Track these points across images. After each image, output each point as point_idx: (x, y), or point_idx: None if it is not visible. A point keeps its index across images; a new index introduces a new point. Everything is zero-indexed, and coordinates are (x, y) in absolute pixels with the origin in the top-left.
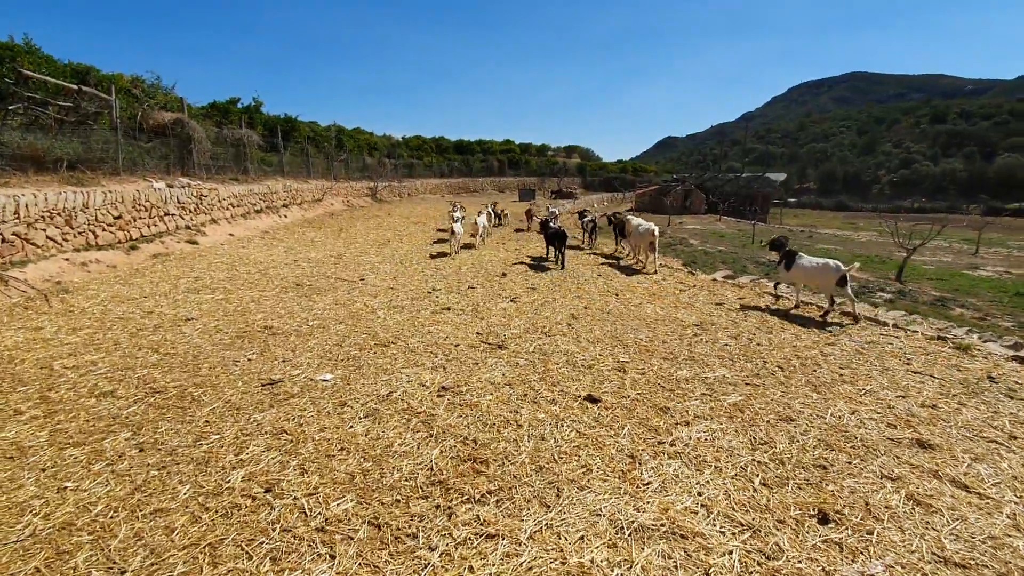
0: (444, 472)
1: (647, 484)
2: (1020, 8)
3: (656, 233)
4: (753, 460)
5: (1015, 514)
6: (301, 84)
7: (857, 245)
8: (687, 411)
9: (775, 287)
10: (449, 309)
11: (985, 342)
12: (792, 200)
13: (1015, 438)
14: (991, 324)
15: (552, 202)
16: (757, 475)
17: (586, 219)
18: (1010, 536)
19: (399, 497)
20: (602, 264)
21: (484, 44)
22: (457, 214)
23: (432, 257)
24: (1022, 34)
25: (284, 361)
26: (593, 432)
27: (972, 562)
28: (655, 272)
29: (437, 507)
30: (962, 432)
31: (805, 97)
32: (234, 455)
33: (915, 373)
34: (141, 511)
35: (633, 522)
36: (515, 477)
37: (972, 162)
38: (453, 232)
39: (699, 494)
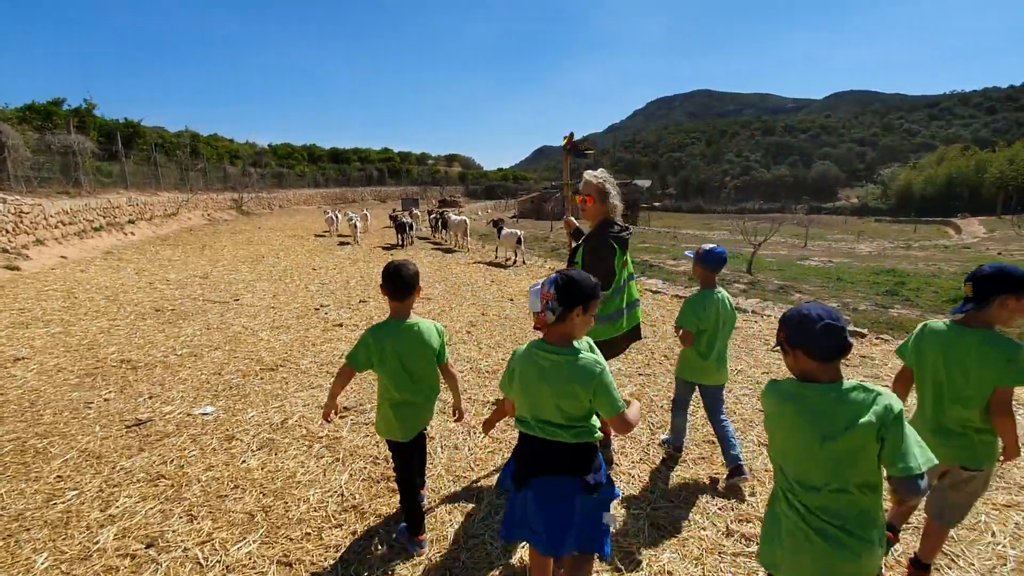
0: (357, 496)
1: None
2: (827, 35)
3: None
4: (652, 443)
5: None
6: (143, 86)
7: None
8: None
9: (496, 250)
10: (341, 325)
11: None
12: (657, 204)
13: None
14: None
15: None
16: (659, 455)
17: (456, 220)
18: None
19: (310, 530)
20: (491, 269)
21: (351, 51)
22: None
23: (315, 270)
24: (827, 59)
25: (151, 397)
26: (505, 436)
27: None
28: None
29: (354, 533)
30: None
31: (662, 111)
32: (100, 511)
33: (774, 351)
34: None
35: None
36: (433, 491)
37: (796, 169)
38: (356, 225)
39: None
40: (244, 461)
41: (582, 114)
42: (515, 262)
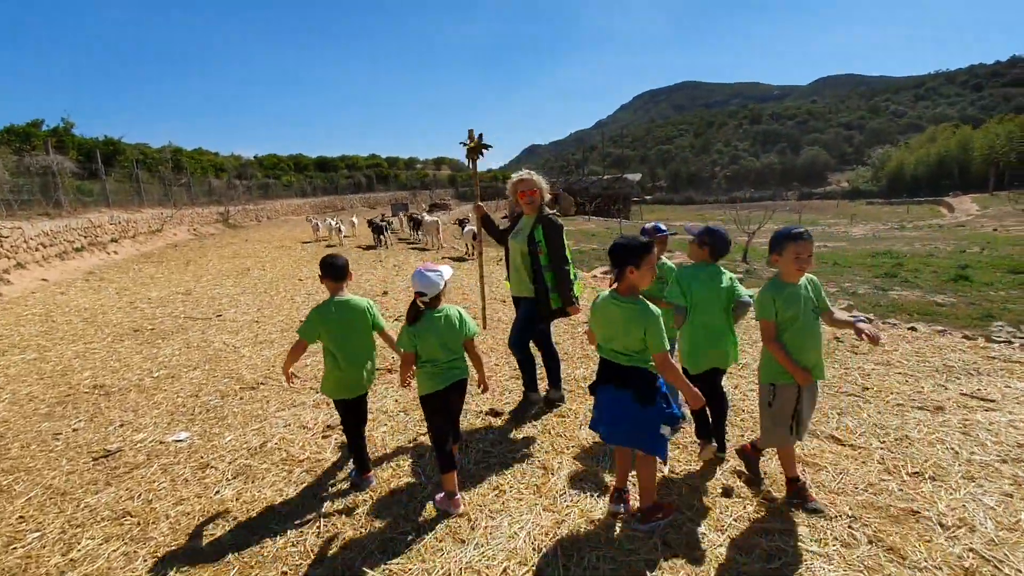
0: (339, 525)
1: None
2: (809, 19)
3: (475, 231)
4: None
5: (883, 459)
6: (122, 103)
7: None
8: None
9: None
10: None
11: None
12: (648, 198)
13: (867, 389)
14: (825, 291)
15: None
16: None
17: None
18: (884, 480)
19: (287, 568)
20: (451, 264)
21: (337, 56)
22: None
23: (301, 280)
24: (811, 44)
25: (122, 425)
26: (496, 449)
27: (858, 511)
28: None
29: (333, 572)
30: (826, 390)
31: (648, 105)
32: (61, 555)
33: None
34: None
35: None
36: (421, 512)
37: (784, 156)
38: (340, 230)
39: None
40: (218, 492)
41: (570, 111)
42: (472, 255)
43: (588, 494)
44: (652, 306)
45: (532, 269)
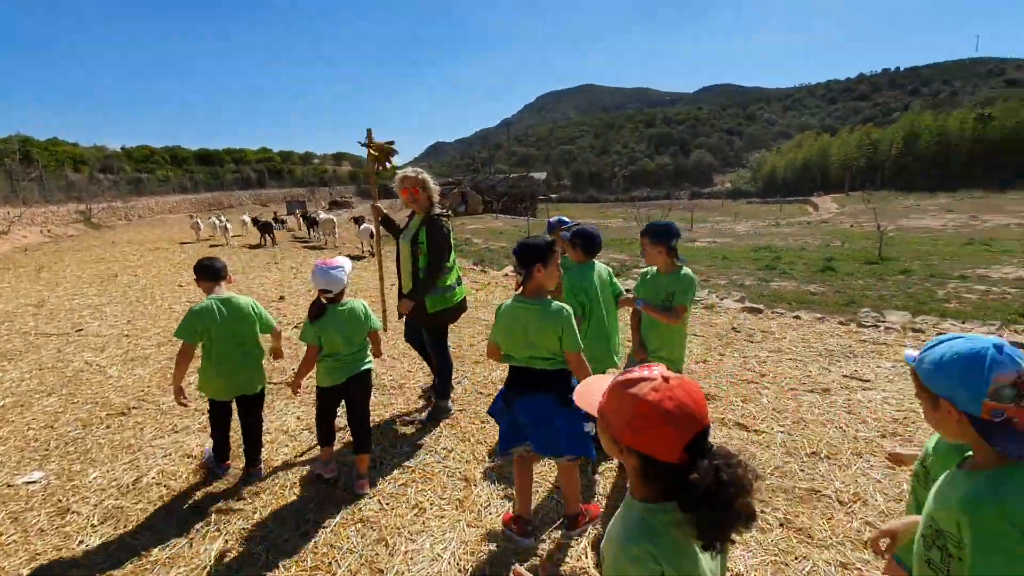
0: (237, 567)
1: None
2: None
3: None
4: None
5: (784, 442)
6: None
7: (612, 231)
8: None
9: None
10: None
11: (722, 299)
12: (554, 196)
13: (764, 375)
14: (714, 284)
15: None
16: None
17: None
18: (787, 462)
19: None
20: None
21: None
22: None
23: (181, 286)
24: (697, 54)
25: None
26: (414, 463)
27: (768, 495)
28: None
29: None
30: (728, 379)
31: (551, 105)
32: None
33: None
34: None
35: None
36: (332, 547)
37: (676, 158)
38: (226, 229)
39: None
40: (82, 542)
41: (475, 109)
42: (371, 252)
43: (513, 502)
44: (564, 305)
45: (412, 270)
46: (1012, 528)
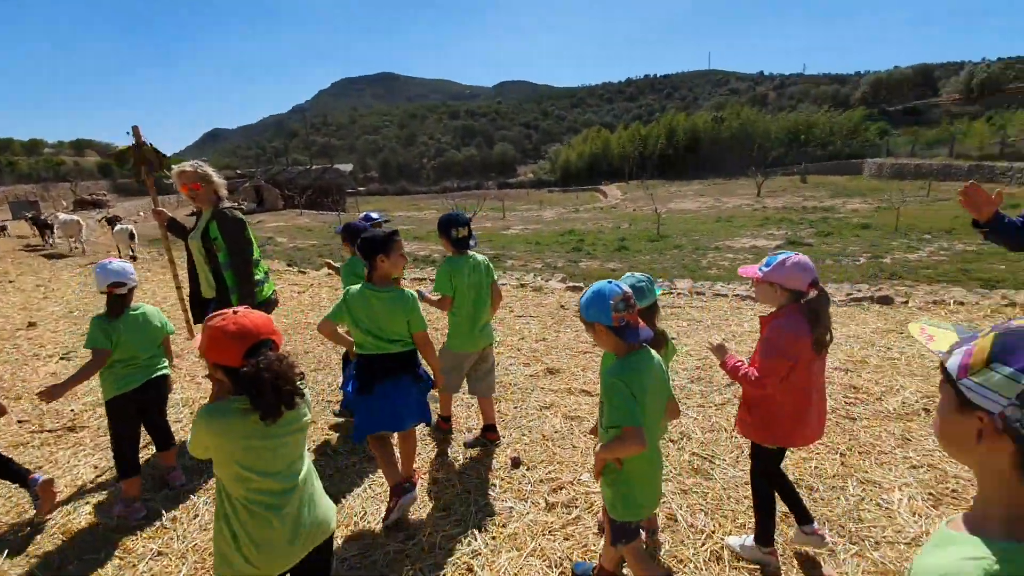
0: None
1: None
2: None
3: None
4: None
5: None
6: None
7: (428, 223)
8: None
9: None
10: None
11: (547, 281)
12: (363, 189)
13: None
14: (532, 268)
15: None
16: None
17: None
18: None
19: None
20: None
21: None
22: None
23: None
24: (494, 49)
25: None
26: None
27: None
28: None
29: None
30: (567, 353)
31: (349, 92)
32: None
33: (519, 317)
34: None
35: None
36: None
37: (481, 149)
38: None
39: None
40: None
41: (259, 93)
42: (132, 257)
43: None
44: (408, 290)
45: (212, 269)
46: (625, 387)
